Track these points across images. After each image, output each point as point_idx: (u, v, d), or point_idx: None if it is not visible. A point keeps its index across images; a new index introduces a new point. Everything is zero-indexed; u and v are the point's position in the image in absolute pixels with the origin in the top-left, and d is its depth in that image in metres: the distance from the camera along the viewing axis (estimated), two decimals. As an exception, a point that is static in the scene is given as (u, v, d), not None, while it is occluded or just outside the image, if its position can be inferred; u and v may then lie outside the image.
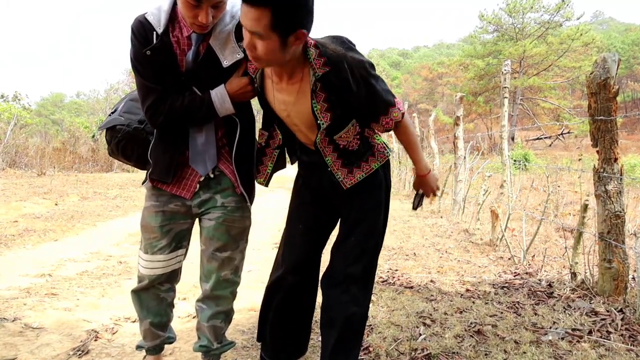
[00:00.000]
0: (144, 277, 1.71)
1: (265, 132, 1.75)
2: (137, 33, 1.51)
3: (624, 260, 2.79)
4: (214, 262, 1.70)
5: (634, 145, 26.60)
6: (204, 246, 1.72)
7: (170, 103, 1.53)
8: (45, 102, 52.63)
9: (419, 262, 4.15)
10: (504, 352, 2.15)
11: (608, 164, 2.79)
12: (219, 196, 1.67)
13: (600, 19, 76.02)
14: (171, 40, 1.53)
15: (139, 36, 1.51)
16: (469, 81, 33.17)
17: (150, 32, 1.50)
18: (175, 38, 1.53)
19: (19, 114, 13.72)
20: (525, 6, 31.51)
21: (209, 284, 1.73)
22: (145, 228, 1.69)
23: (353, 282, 1.63)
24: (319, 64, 1.43)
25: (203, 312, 1.76)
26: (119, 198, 9.04)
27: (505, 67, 6.05)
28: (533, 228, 4.76)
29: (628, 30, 47.34)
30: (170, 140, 1.62)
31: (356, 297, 1.63)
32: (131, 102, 1.74)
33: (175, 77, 1.54)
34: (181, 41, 1.54)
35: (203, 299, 1.77)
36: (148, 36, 1.50)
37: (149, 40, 1.50)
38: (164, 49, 1.51)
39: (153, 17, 1.51)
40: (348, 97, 1.48)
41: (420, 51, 74.26)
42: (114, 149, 1.72)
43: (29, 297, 2.92)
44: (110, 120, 1.70)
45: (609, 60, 2.73)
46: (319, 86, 1.46)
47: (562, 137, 28.01)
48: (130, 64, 1.56)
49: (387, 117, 1.58)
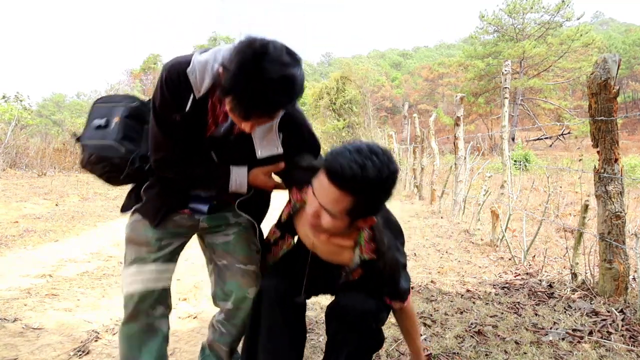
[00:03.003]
0: (133, 295, 1.44)
1: (278, 231, 1.61)
2: (170, 87, 1.29)
3: (624, 260, 2.79)
4: (239, 277, 1.53)
5: (635, 145, 26.57)
6: (225, 261, 1.56)
7: (184, 166, 1.38)
8: (46, 103, 52.65)
9: (420, 262, 4.15)
10: (504, 353, 2.14)
11: (608, 164, 2.79)
12: (231, 215, 1.56)
13: (601, 19, 75.99)
14: (207, 106, 1.33)
15: (172, 91, 1.29)
16: (469, 82, 33.17)
17: (187, 92, 1.29)
18: (212, 105, 1.34)
19: (19, 115, 13.71)
20: (525, 7, 31.52)
21: (231, 302, 1.54)
22: (136, 241, 1.48)
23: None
24: (368, 249, 1.40)
25: (222, 336, 1.60)
26: (119, 198, 9.04)
27: (505, 68, 6.05)
28: (533, 228, 4.75)
29: (628, 31, 47.32)
30: (170, 192, 1.47)
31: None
32: (128, 120, 1.47)
33: (197, 140, 1.37)
34: (217, 110, 1.35)
35: (223, 321, 1.59)
36: (182, 95, 1.29)
37: (182, 100, 1.29)
38: (196, 115, 1.32)
39: (195, 77, 1.27)
40: (377, 278, 1.44)
41: (420, 51, 74.27)
42: (95, 171, 1.50)
43: (29, 298, 2.92)
44: (104, 145, 1.45)
45: (610, 60, 2.73)
46: (359, 265, 1.43)
47: (562, 138, 28.00)
48: (151, 106, 1.36)
49: (395, 300, 1.49)
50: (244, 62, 1.10)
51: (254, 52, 1.10)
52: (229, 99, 1.17)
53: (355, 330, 1.38)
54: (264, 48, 1.11)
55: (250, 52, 1.11)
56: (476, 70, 32.21)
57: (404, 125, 17.80)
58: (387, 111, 48.83)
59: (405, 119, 17.09)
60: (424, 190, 9.43)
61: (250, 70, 1.10)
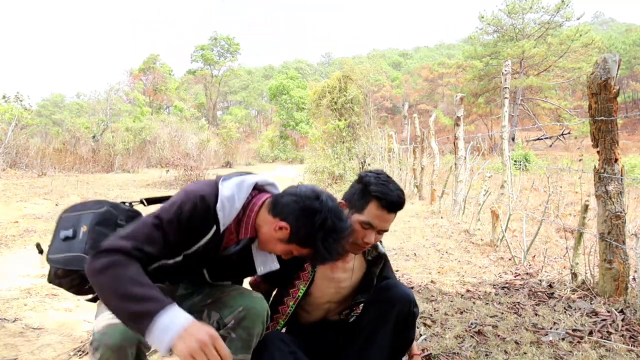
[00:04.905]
0: (110, 348, 1.21)
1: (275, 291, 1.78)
2: (196, 217, 1.30)
3: (624, 260, 2.79)
4: (240, 291, 1.53)
5: (635, 145, 26.57)
6: (216, 295, 1.52)
7: (162, 273, 1.33)
8: (46, 103, 52.65)
9: (420, 262, 4.15)
10: (504, 353, 2.14)
11: (608, 164, 2.79)
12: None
13: (601, 19, 75.96)
14: (224, 237, 1.39)
15: (195, 221, 1.30)
16: (469, 82, 33.16)
17: (210, 225, 1.33)
18: (228, 237, 1.41)
19: (19, 115, 13.70)
20: (525, 7, 31.49)
21: (239, 308, 1.48)
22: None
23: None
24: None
25: (232, 342, 1.48)
26: (119, 199, 9.03)
27: (505, 68, 6.05)
28: (533, 228, 4.75)
29: (629, 31, 47.25)
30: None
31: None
32: (97, 227, 1.38)
33: (198, 259, 1.39)
34: (232, 236, 1.42)
35: (234, 325, 1.48)
36: (205, 226, 1.33)
37: (204, 230, 1.33)
38: (212, 244, 1.36)
39: (222, 213, 1.33)
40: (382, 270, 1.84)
41: (420, 52, 74.21)
42: (63, 285, 1.41)
43: (29, 298, 2.93)
44: (72, 258, 1.35)
45: (610, 60, 2.73)
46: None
47: (562, 138, 27.97)
48: (162, 217, 1.27)
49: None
50: (323, 220, 1.31)
51: (323, 210, 1.32)
52: (308, 250, 1.36)
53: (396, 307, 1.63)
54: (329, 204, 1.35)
55: (331, 217, 1.33)
56: (476, 71, 32.20)
57: (404, 125, 17.80)
58: (387, 111, 48.83)
59: (405, 119, 17.08)
60: (424, 190, 9.43)
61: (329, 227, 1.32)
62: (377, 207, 1.52)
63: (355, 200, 1.57)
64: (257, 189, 1.46)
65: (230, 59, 46.56)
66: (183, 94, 44.10)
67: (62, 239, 1.39)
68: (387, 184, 1.53)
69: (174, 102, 36.29)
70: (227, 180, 1.38)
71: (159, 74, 41.24)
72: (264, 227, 1.39)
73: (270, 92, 38.51)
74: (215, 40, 45.81)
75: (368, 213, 1.53)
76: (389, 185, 1.53)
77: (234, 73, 48.01)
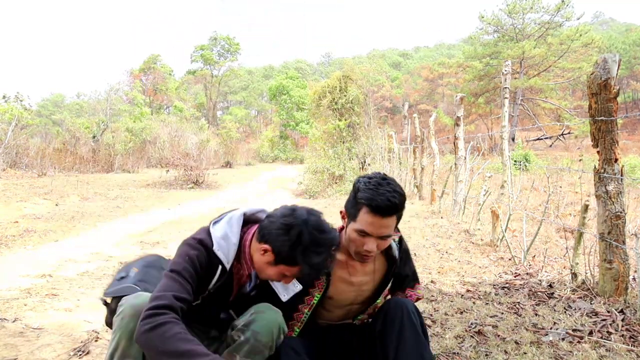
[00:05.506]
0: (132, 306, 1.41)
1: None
2: (202, 260, 1.45)
3: (624, 260, 2.79)
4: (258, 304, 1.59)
5: (635, 145, 26.58)
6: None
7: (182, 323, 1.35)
8: (45, 103, 52.64)
9: (420, 262, 4.15)
10: (504, 353, 2.14)
11: (609, 164, 2.79)
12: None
13: (601, 19, 75.91)
14: (234, 275, 1.52)
15: (202, 264, 1.45)
16: (469, 82, 33.14)
17: (214, 265, 1.47)
18: (238, 274, 1.54)
19: (19, 115, 13.70)
20: (525, 7, 31.48)
21: (249, 314, 1.53)
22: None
23: None
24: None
25: (240, 344, 1.50)
26: (119, 199, 9.05)
27: (505, 68, 6.05)
28: (533, 228, 4.75)
29: (629, 31, 47.24)
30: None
31: None
32: (148, 269, 1.65)
33: (216, 300, 1.53)
34: (241, 272, 1.54)
35: (242, 327, 1.52)
36: (211, 267, 1.47)
37: (211, 271, 1.47)
38: (226, 284, 1.51)
39: (221, 252, 1.47)
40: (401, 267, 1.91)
41: (420, 51, 74.15)
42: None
43: (29, 298, 2.92)
44: (123, 288, 1.56)
45: (610, 60, 2.72)
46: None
47: (562, 138, 27.98)
48: (177, 269, 1.41)
49: (415, 282, 1.96)
50: (311, 240, 1.37)
51: (311, 230, 1.38)
52: (297, 269, 1.41)
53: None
54: (316, 225, 1.39)
55: (308, 230, 1.37)
56: (476, 71, 32.18)
57: (404, 125, 17.78)
58: (387, 111, 48.80)
59: (405, 119, 17.06)
60: (424, 190, 9.43)
61: (317, 247, 1.38)
62: (367, 213, 1.48)
63: (349, 209, 1.56)
64: (247, 220, 1.56)
65: (230, 59, 46.52)
66: (183, 94, 44.11)
67: (117, 279, 1.64)
68: (377, 188, 1.48)
69: (174, 102, 36.30)
70: (218, 223, 1.52)
71: (159, 74, 41.26)
72: (255, 256, 1.48)
73: (270, 92, 38.48)
74: (215, 40, 45.78)
75: (360, 220, 1.50)
76: (379, 189, 1.47)
77: (234, 73, 47.97)
